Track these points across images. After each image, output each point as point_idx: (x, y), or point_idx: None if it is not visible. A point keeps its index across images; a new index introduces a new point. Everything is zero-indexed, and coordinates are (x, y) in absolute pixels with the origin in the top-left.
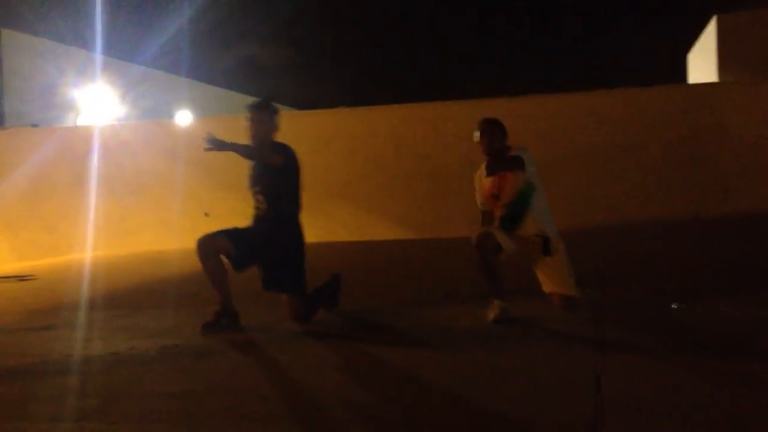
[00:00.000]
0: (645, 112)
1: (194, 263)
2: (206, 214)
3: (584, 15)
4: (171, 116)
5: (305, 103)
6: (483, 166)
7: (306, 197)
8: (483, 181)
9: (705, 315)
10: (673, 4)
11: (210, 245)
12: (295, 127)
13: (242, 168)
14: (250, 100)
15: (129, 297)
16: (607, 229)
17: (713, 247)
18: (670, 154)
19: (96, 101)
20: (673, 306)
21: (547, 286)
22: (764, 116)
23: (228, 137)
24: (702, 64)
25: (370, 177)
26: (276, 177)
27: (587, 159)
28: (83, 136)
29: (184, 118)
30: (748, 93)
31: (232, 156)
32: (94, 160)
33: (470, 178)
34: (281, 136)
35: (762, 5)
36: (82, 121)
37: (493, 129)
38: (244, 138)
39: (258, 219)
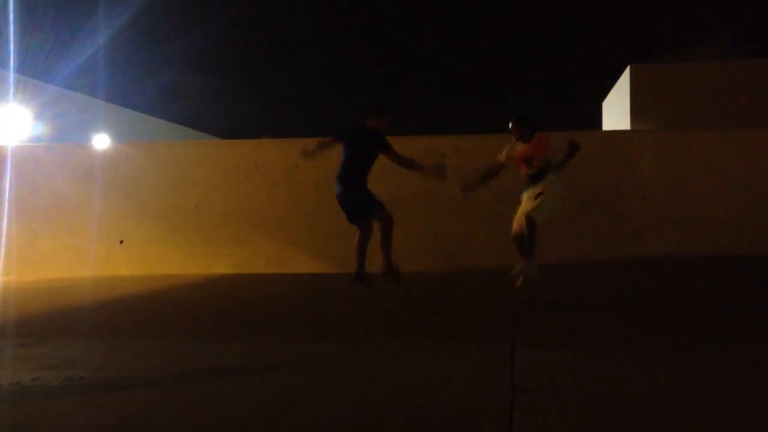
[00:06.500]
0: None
1: (107, 292)
2: (120, 242)
3: (503, 58)
4: (88, 139)
5: (227, 132)
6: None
7: (225, 227)
8: (517, 146)
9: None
10: (590, 54)
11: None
12: (216, 156)
13: (160, 195)
14: (169, 126)
15: (38, 325)
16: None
17: (621, 289)
18: (582, 198)
19: (9, 121)
20: None
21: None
22: (673, 163)
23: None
24: (616, 111)
25: (291, 209)
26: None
27: (500, 201)
28: None
29: (101, 141)
30: (658, 140)
31: (150, 182)
32: (6, 181)
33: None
34: (203, 164)
35: (673, 58)
36: None
37: (521, 125)
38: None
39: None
